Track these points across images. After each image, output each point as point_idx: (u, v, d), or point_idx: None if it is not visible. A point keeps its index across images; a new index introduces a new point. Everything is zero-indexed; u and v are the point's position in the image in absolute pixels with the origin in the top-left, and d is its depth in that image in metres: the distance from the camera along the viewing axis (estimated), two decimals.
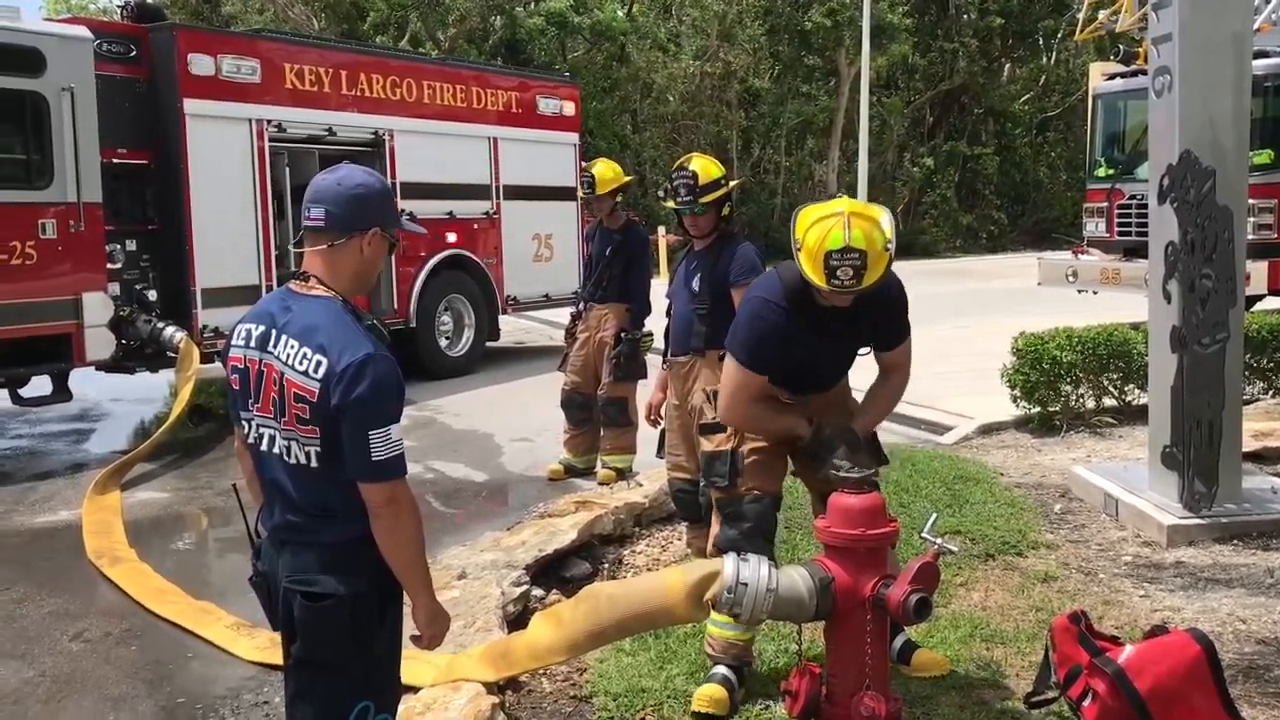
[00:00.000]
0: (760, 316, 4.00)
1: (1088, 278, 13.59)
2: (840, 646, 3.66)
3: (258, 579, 2.95)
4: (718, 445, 4.26)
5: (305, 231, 2.84)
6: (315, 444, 2.72)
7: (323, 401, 2.67)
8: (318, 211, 2.80)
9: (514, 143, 13.41)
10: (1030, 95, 41.59)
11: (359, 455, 2.68)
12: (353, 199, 2.82)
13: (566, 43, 31.41)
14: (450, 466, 8.50)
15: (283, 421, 2.73)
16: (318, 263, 2.82)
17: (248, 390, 2.80)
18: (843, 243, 3.66)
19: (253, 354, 2.78)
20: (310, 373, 2.68)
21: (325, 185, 2.82)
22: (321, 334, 2.70)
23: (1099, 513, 6.44)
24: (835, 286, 3.72)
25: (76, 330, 8.97)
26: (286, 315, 2.77)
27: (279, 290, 2.91)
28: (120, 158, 9.59)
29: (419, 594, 2.89)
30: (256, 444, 2.84)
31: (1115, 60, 14.44)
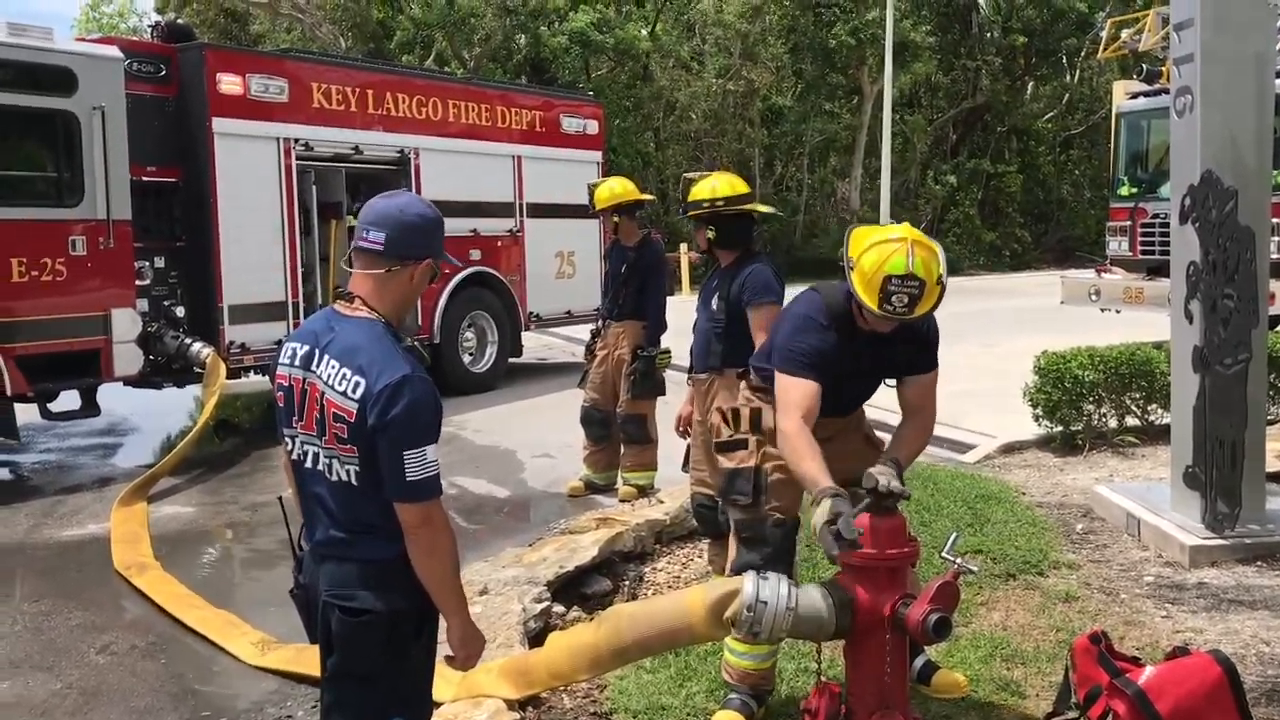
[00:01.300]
0: (806, 329, 3.95)
1: (1111, 296, 13.54)
2: (860, 666, 3.67)
3: (298, 591, 3.00)
4: (739, 462, 4.20)
5: (358, 252, 2.87)
6: (354, 463, 2.77)
7: (360, 421, 2.72)
8: (377, 235, 2.82)
9: (538, 161, 13.50)
10: (1054, 113, 41.54)
11: (395, 475, 2.72)
12: (413, 229, 2.86)
13: (590, 61, 31.57)
14: (472, 482, 8.55)
15: (324, 440, 2.79)
16: (366, 285, 2.86)
17: (291, 408, 2.86)
18: (904, 269, 3.66)
19: (297, 373, 2.85)
20: (349, 393, 2.73)
21: (387, 211, 2.85)
22: (361, 355, 2.75)
23: (1121, 533, 6.43)
24: (886, 312, 3.71)
25: (105, 346, 9.08)
26: (329, 335, 2.83)
27: (325, 310, 2.97)
28: (149, 175, 9.72)
29: (453, 614, 2.92)
30: (300, 460, 2.89)
31: (1138, 79, 14.39)
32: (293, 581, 3.04)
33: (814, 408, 3.87)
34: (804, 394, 3.86)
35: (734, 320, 5.21)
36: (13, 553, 6.98)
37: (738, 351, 5.04)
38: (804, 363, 3.90)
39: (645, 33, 32.25)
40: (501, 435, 10.24)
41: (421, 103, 12.10)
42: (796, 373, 3.90)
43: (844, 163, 37.62)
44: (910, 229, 3.87)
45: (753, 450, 4.19)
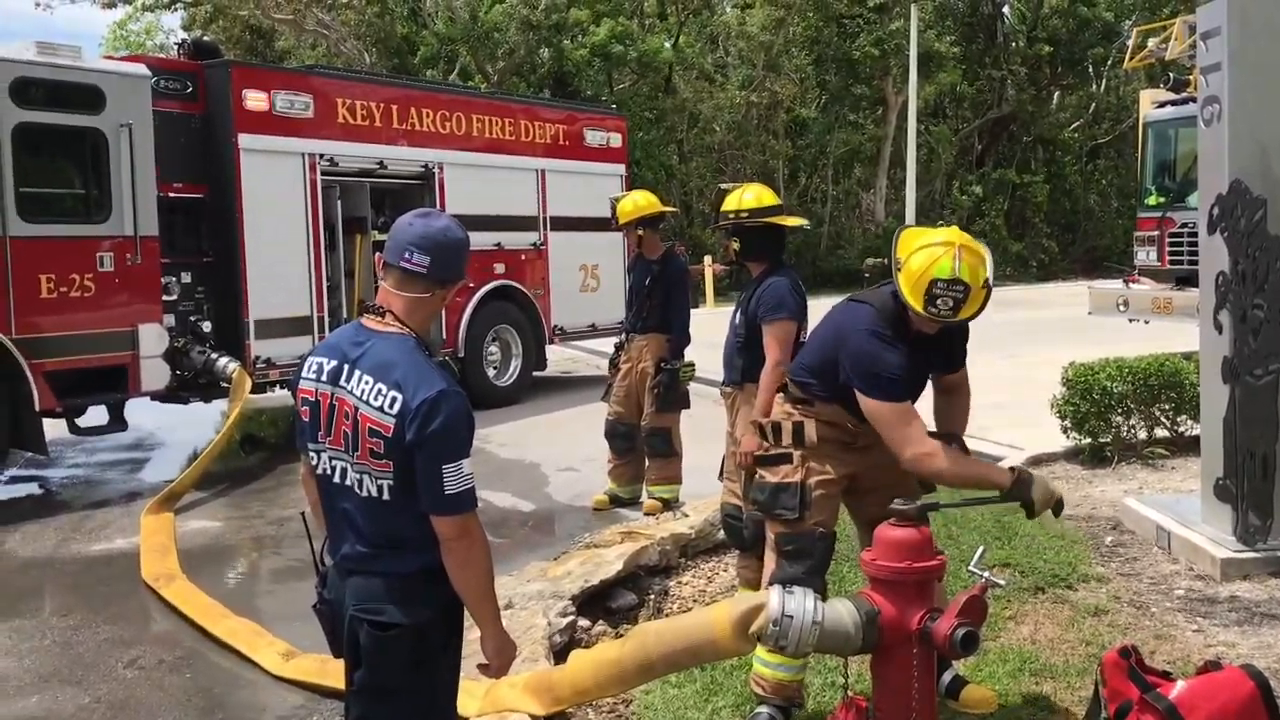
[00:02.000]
0: (882, 347, 3.89)
1: (1139, 307, 13.45)
2: (887, 680, 3.64)
3: (323, 606, 2.99)
4: (784, 477, 4.16)
5: (399, 272, 2.86)
6: (389, 478, 2.77)
7: (397, 437, 2.73)
8: (421, 259, 2.83)
9: (561, 174, 13.54)
10: (1080, 123, 41.34)
11: (433, 489, 2.74)
12: (455, 253, 2.90)
13: (613, 74, 31.65)
14: (497, 495, 8.54)
15: (355, 455, 2.79)
16: (400, 303, 2.87)
17: (318, 423, 2.86)
18: (951, 274, 3.68)
19: (324, 388, 2.85)
20: (385, 408, 2.74)
21: (430, 234, 2.86)
22: (397, 370, 2.76)
23: (1151, 545, 6.36)
24: (931, 314, 3.74)
25: (132, 361, 9.15)
26: (359, 350, 2.83)
27: (351, 325, 2.96)
28: (176, 191, 9.79)
29: (488, 624, 2.95)
30: (327, 475, 2.89)
31: (1166, 88, 14.30)
32: (316, 597, 3.04)
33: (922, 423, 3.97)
34: (915, 416, 3.93)
35: (753, 334, 5.20)
36: (41, 567, 7.02)
37: (759, 366, 5.03)
38: (900, 382, 3.89)
39: (668, 45, 32.33)
40: (526, 449, 10.25)
41: (445, 117, 12.16)
42: (895, 397, 3.89)
43: (868, 174, 37.56)
44: (958, 232, 3.88)
45: (797, 465, 4.16)
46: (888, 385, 3.87)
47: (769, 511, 4.22)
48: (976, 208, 37.06)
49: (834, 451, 4.17)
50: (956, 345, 4.14)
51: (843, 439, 4.17)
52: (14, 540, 7.58)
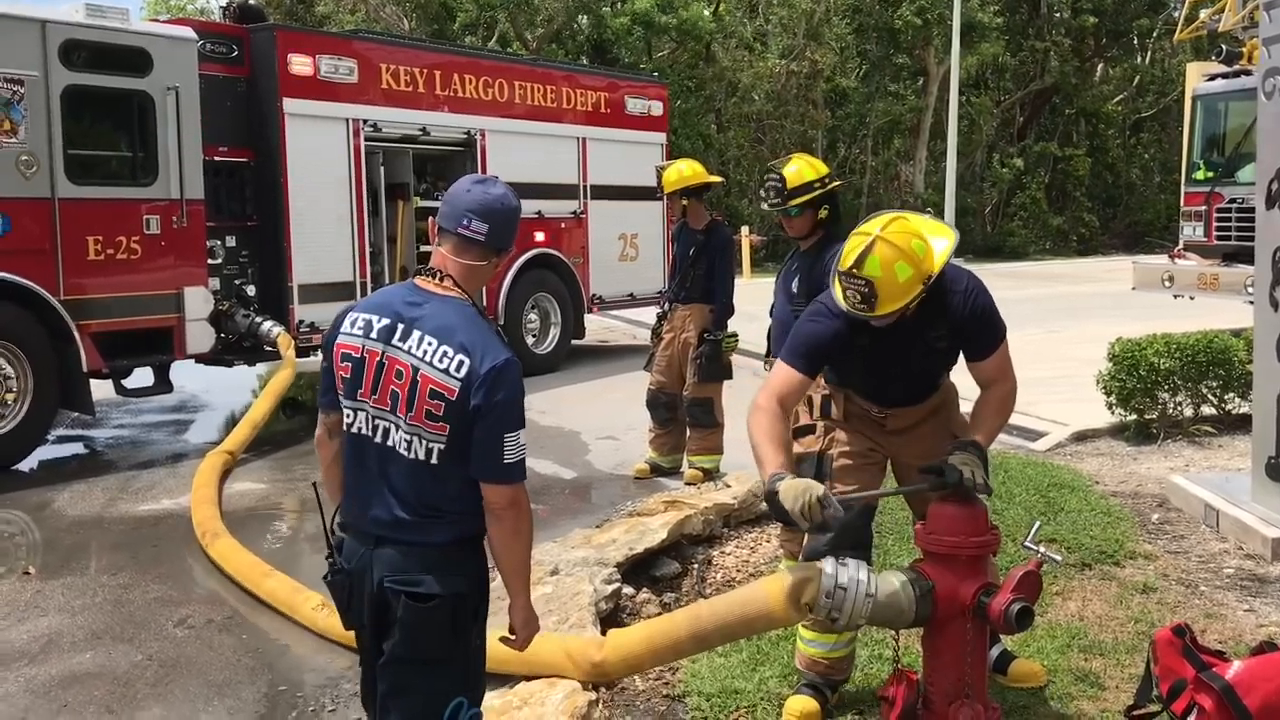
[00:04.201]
0: (814, 318, 3.86)
1: (1184, 283, 13.28)
2: (939, 654, 3.63)
3: (338, 576, 2.93)
4: (806, 448, 4.19)
5: (456, 238, 2.85)
6: (441, 441, 2.74)
7: (461, 401, 2.71)
8: (480, 226, 2.83)
9: (602, 143, 13.50)
10: (1124, 95, 40.80)
11: (491, 456, 2.73)
12: (511, 221, 2.90)
13: (652, 42, 31.45)
14: (539, 463, 8.57)
15: (410, 416, 2.75)
16: (457, 268, 2.86)
17: (360, 380, 2.80)
18: (848, 265, 3.55)
19: (374, 345, 2.80)
20: (451, 371, 2.71)
21: (489, 202, 2.85)
22: (461, 334, 2.74)
23: (1199, 524, 6.31)
24: (849, 306, 3.62)
25: (178, 323, 9.23)
26: (417, 311, 2.80)
27: (404, 285, 2.93)
28: (221, 155, 9.84)
29: (520, 594, 2.96)
30: (363, 435, 2.84)
31: (1216, 60, 14.06)
32: (327, 568, 2.99)
33: (791, 394, 3.78)
34: (783, 379, 3.78)
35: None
36: (90, 526, 7.11)
37: None
38: (794, 351, 3.82)
39: (708, 13, 32.05)
40: (565, 417, 10.27)
41: (488, 84, 12.14)
42: (785, 359, 3.83)
43: (908, 145, 37.23)
44: (894, 221, 3.62)
45: (819, 435, 4.17)
46: (788, 347, 3.86)
47: None
48: (1017, 180, 36.69)
49: (861, 427, 4.14)
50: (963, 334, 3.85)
51: (871, 418, 4.14)
52: (62, 499, 7.68)
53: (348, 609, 2.92)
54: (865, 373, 4.01)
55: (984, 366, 3.93)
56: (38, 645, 5.11)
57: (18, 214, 8.24)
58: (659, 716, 4.24)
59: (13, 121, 8.19)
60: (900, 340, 3.81)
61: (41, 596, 5.76)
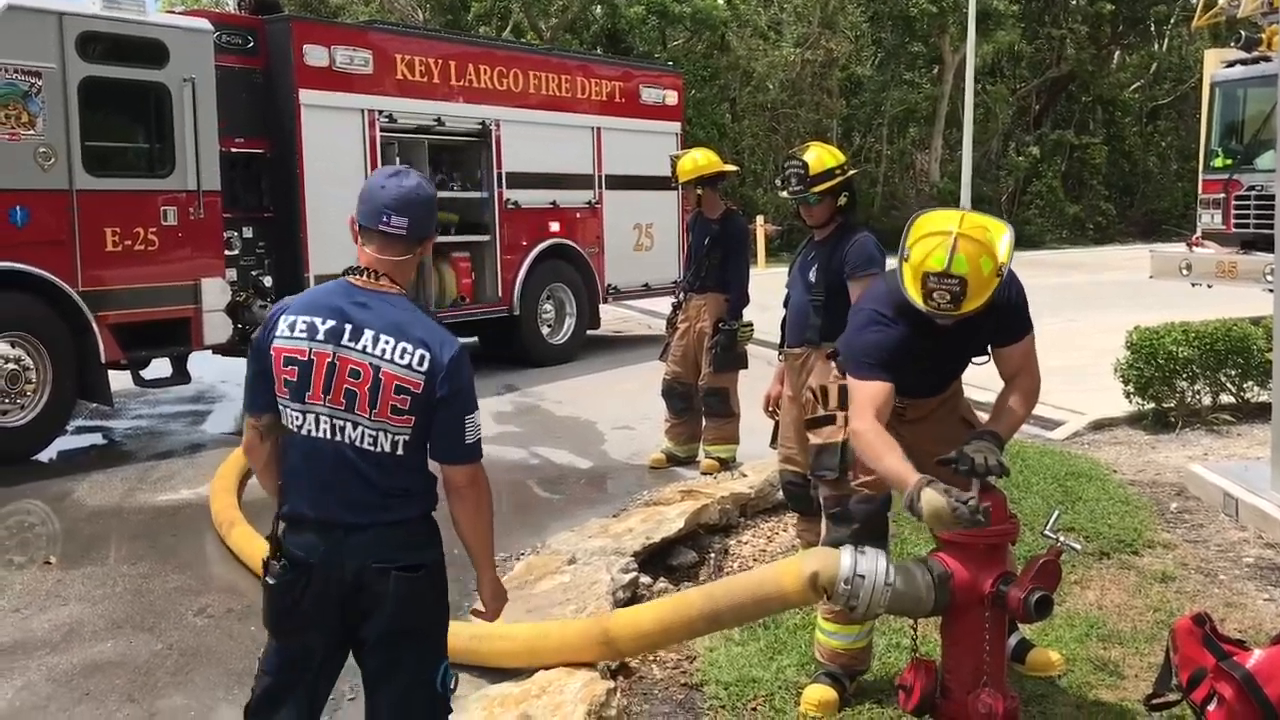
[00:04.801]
0: (874, 327, 3.81)
1: (1202, 271, 13.22)
2: (957, 643, 3.62)
3: (291, 573, 2.87)
4: (827, 438, 4.18)
5: (378, 235, 2.88)
6: (406, 433, 2.83)
7: (427, 393, 2.80)
8: (400, 220, 2.87)
9: (617, 132, 13.47)
10: (1141, 83, 40.54)
11: (455, 439, 2.86)
12: (428, 209, 2.94)
13: (667, 31, 31.38)
14: (554, 453, 8.60)
15: (373, 413, 2.80)
16: (386, 264, 2.90)
17: (308, 383, 2.83)
18: (943, 267, 3.50)
19: (322, 347, 2.82)
20: (414, 366, 2.79)
21: (405, 195, 2.88)
22: (415, 329, 2.83)
23: (1218, 512, 6.29)
24: (931, 308, 3.58)
25: (195, 314, 9.25)
26: (363, 311, 2.84)
27: (338, 285, 2.93)
28: (238, 147, 9.86)
29: (488, 568, 3.08)
30: (315, 436, 2.85)
31: (1235, 46, 13.96)
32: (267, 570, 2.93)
33: (885, 406, 3.72)
34: (872, 394, 3.72)
35: (834, 293, 5.12)
36: (110, 516, 7.15)
37: (837, 325, 4.92)
38: (868, 363, 3.76)
39: (723, 2, 31.95)
40: (581, 407, 10.28)
41: (503, 74, 12.13)
42: (863, 374, 3.77)
43: (924, 133, 37.09)
44: (965, 218, 3.63)
45: (840, 425, 4.15)
46: (855, 363, 3.82)
47: (814, 473, 4.24)
48: (1033, 169, 36.52)
49: None
50: (1003, 318, 3.85)
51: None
52: (82, 489, 7.73)
53: (297, 606, 2.87)
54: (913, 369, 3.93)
55: (1013, 355, 3.94)
56: (59, 634, 5.15)
57: (36, 206, 8.28)
58: (677, 705, 4.25)
59: (30, 114, 8.22)
60: (960, 335, 3.82)
61: (62, 586, 5.80)
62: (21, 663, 4.84)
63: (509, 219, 12.21)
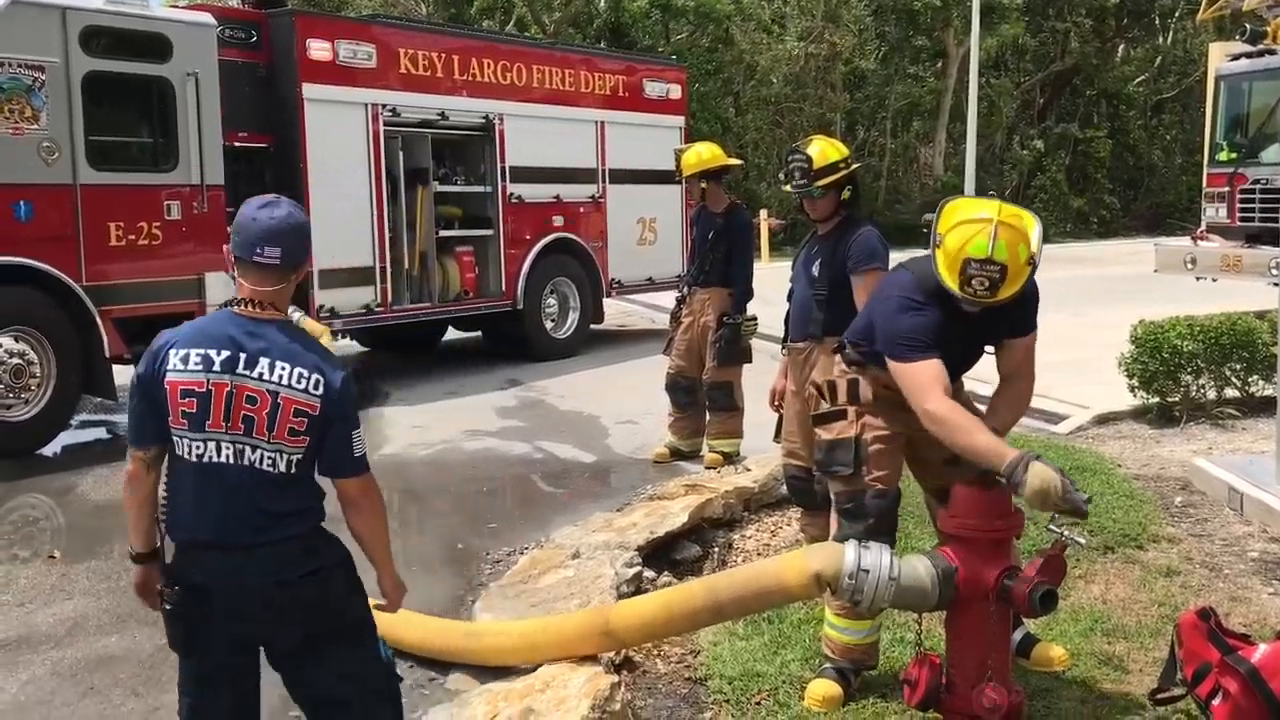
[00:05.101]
0: (910, 310, 3.80)
1: (1207, 265, 13.19)
2: (962, 637, 3.63)
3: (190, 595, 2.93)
4: (839, 434, 4.14)
5: (253, 266, 2.94)
6: (300, 453, 2.94)
7: (324, 414, 2.93)
8: (273, 251, 2.93)
9: (620, 126, 13.46)
10: (1145, 76, 40.43)
11: (346, 455, 3.00)
12: (303, 239, 3.02)
13: (670, 25, 31.33)
14: (558, 447, 8.59)
15: (271, 436, 2.90)
16: (267, 294, 2.97)
17: (208, 412, 2.89)
18: (985, 253, 3.53)
19: (219, 378, 2.89)
20: (311, 390, 2.92)
21: (275, 226, 2.94)
22: (308, 355, 2.95)
23: (1222, 507, 6.28)
24: (968, 294, 3.61)
25: (199, 308, 9.21)
26: (256, 341, 2.92)
27: (225, 315, 2.98)
28: (241, 141, 9.86)
29: (388, 564, 3.22)
30: (213, 462, 2.90)
31: (1240, 40, 13.93)
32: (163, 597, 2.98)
33: (949, 383, 3.72)
34: (935, 374, 3.70)
35: (837, 288, 5.11)
36: (114, 510, 7.13)
37: (840, 319, 4.92)
38: (920, 344, 3.74)
39: None
40: (584, 401, 10.28)
41: (506, 68, 12.11)
42: (915, 357, 3.74)
43: (928, 127, 37.03)
44: (1002, 207, 3.68)
45: (852, 420, 4.12)
46: (905, 346, 3.77)
47: (826, 469, 4.21)
48: (1037, 163, 36.44)
49: (889, 410, 4.12)
50: (1020, 312, 3.90)
51: (898, 400, 4.12)
52: (86, 483, 7.73)
53: (201, 628, 2.95)
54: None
55: (1016, 351, 3.99)
56: (63, 629, 5.16)
57: (40, 200, 8.29)
58: (681, 699, 4.25)
59: (34, 108, 8.23)
60: (983, 325, 3.85)
61: (66, 580, 5.81)
62: (26, 657, 4.85)
63: (512, 213, 12.20)
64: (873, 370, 4.12)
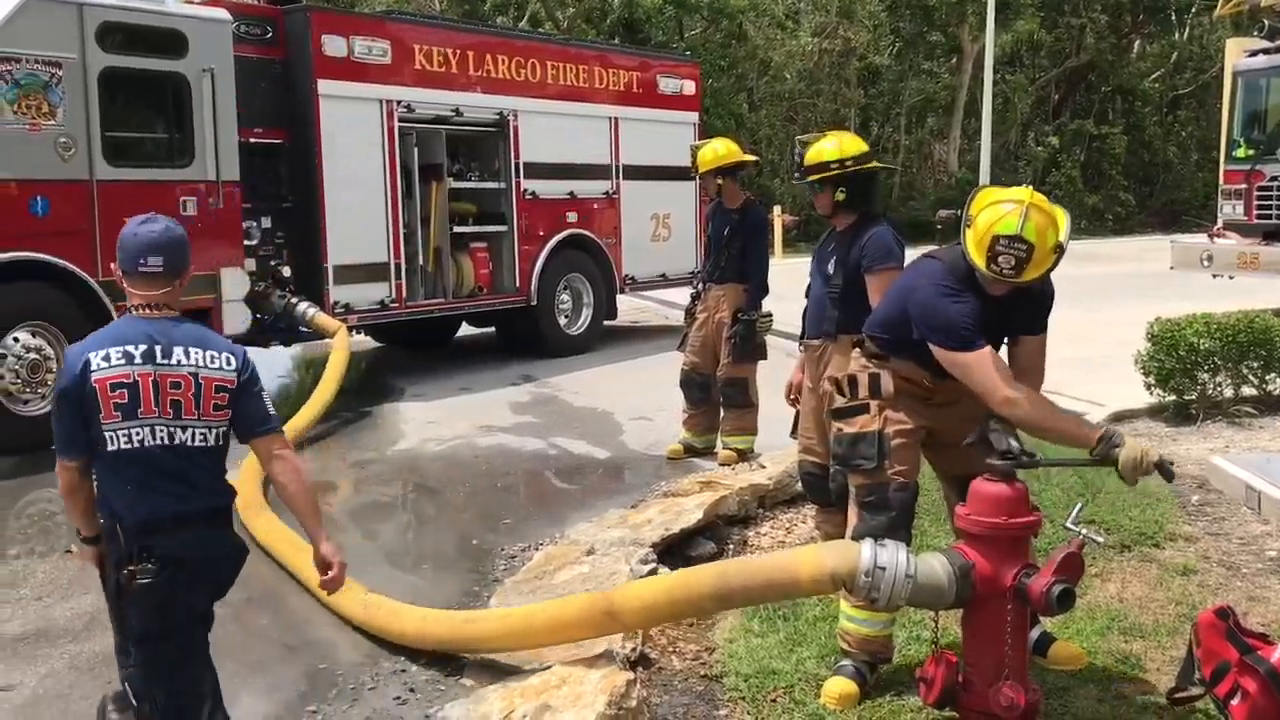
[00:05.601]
0: (950, 297, 3.85)
1: (1224, 262, 13.11)
2: (978, 635, 3.61)
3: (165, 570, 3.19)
4: (861, 427, 4.14)
5: (140, 276, 3.29)
6: (225, 425, 3.33)
7: (240, 386, 3.33)
8: (156, 260, 3.29)
9: (634, 122, 13.44)
10: (1161, 72, 40.23)
11: (263, 414, 3.39)
12: (182, 248, 3.37)
13: (684, 21, 31.29)
14: (572, 443, 8.60)
15: (199, 414, 3.26)
16: (159, 297, 3.32)
17: (138, 400, 3.20)
18: (1014, 230, 3.63)
19: (143, 369, 3.22)
20: (225, 367, 3.31)
21: (156, 238, 3.30)
22: (214, 340, 3.37)
23: (1240, 505, 6.24)
24: (993, 272, 3.69)
25: (215, 304, 9.29)
26: (166, 334, 3.28)
27: (130, 320, 3.33)
28: (256, 137, 9.87)
29: (321, 531, 3.49)
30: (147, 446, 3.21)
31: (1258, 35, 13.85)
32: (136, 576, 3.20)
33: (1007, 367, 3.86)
34: (993, 359, 3.82)
35: (851, 285, 5.10)
36: None
37: (854, 317, 4.93)
38: (971, 329, 3.81)
39: None
40: (598, 397, 10.28)
41: (520, 64, 12.10)
42: (971, 344, 3.80)
43: (942, 123, 36.92)
44: (1033, 193, 3.79)
45: (874, 415, 4.13)
46: (960, 334, 3.82)
47: (848, 463, 4.21)
48: (1052, 159, 36.31)
49: (911, 403, 4.14)
50: (1036, 309, 4.02)
51: (919, 394, 4.13)
52: None
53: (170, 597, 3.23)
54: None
55: (1031, 345, 4.07)
56: (81, 623, 5.18)
57: (56, 196, 8.31)
58: (697, 696, 4.25)
59: (51, 104, 8.26)
60: (1007, 311, 3.91)
61: (84, 575, 5.80)
62: (45, 650, 4.87)
63: (526, 209, 12.21)
64: (894, 363, 4.12)
